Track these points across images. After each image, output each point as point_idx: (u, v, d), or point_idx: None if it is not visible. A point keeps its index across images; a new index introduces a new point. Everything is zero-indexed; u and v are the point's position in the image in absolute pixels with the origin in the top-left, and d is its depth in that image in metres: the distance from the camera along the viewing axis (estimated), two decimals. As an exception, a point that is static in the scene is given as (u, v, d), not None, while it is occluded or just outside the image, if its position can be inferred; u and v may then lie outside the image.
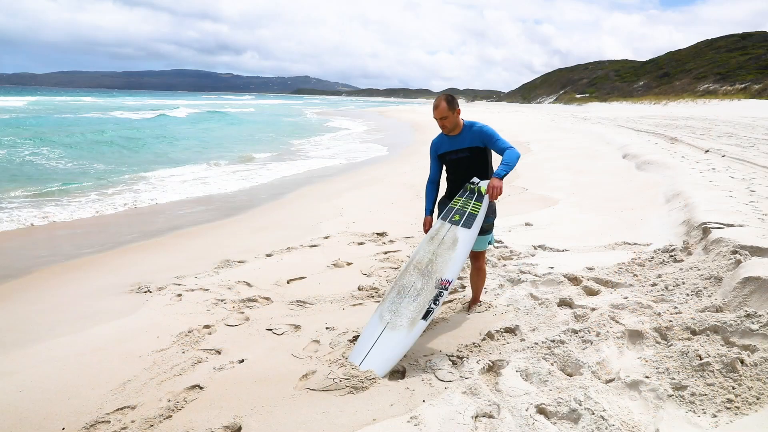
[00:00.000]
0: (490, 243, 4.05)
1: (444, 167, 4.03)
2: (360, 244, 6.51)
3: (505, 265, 5.17)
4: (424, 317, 3.30)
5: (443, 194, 4.11)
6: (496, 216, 4.00)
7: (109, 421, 2.92)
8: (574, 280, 4.58)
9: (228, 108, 65.34)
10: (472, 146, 3.83)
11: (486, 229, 3.87)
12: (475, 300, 4.23)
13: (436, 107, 3.72)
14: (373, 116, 52.78)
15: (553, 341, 3.39)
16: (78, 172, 13.82)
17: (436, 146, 3.98)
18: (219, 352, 3.71)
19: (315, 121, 43.94)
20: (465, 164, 3.87)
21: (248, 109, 64.55)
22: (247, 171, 14.35)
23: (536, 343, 3.41)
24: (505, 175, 3.58)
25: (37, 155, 16.67)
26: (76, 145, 19.67)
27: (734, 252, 4.26)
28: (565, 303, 4.12)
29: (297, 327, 4.10)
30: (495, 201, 3.76)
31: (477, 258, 4.08)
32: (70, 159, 16.32)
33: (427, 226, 3.93)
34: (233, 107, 69.88)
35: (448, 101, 3.70)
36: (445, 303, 4.35)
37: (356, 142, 24.37)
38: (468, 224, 3.62)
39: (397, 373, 3.26)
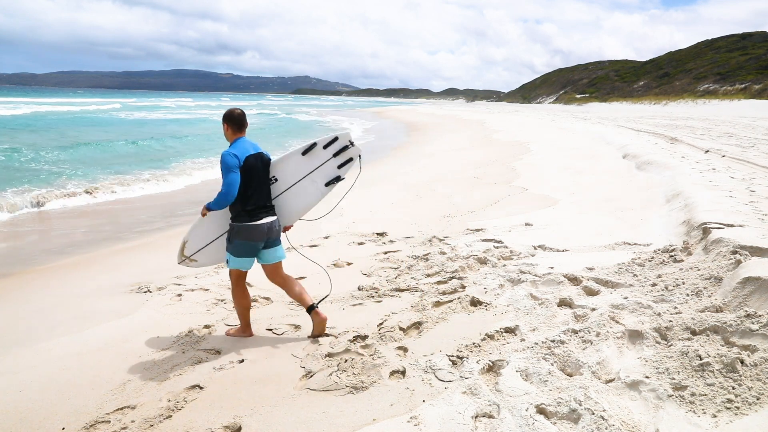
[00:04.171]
0: (227, 261, 3.85)
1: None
2: (360, 244, 6.51)
3: (505, 265, 5.17)
4: None
5: None
6: (229, 248, 3.79)
7: (109, 421, 2.92)
8: (574, 280, 4.58)
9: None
10: None
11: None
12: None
13: None
14: (388, 115, 52.74)
15: (553, 341, 3.39)
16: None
17: None
18: (219, 352, 3.72)
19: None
20: None
21: (307, 117, 61.96)
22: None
23: (536, 343, 3.40)
24: (211, 208, 3.68)
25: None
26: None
27: (734, 252, 4.26)
28: (565, 303, 4.11)
29: (297, 327, 4.10)
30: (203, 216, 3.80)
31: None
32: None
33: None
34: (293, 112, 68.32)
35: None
36: (444, 303, 4.35)
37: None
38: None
39: (397, 373, 3.26)
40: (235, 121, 3.77)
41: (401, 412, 2.84)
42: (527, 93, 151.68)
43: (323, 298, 4.13)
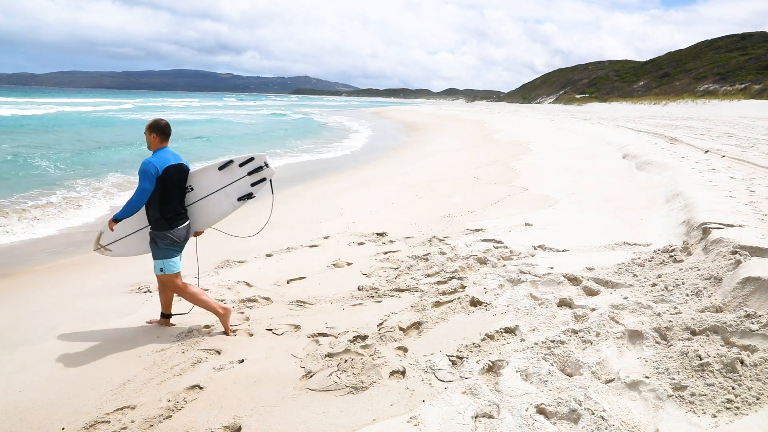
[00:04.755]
0: (161, 270, 4.00)
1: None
2: (360, 244, 6.51)
3: (505, 266, 5.17)
4: None
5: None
6: (159, 254, 3.95)
7: (109, 421, 2.92)
8: (574, 280, 4.58)
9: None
10: None
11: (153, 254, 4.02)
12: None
13: None
14: (388, 115, 52.76)
15: (553, 341, 3.39)
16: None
17: None
18: (219, 352, 3.72)
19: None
20: None
21: (320, 118, 59.57)
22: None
23: (536, 343, 3.41)
24: (118, 218, 3.88)
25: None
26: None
27: (734, 252, 4.26)
28: (565, 303, 4.11)
29: (297, 327, 4.10)
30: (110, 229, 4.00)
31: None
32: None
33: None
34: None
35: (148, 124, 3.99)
36: (444, 303, 4.36)
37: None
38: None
39: (397, 373, 3.26)
40: (162, 131, 3.95)
41: (401, 412, 2.84)
42: (527, 93, 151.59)
43: (183, 313, 4.34)
